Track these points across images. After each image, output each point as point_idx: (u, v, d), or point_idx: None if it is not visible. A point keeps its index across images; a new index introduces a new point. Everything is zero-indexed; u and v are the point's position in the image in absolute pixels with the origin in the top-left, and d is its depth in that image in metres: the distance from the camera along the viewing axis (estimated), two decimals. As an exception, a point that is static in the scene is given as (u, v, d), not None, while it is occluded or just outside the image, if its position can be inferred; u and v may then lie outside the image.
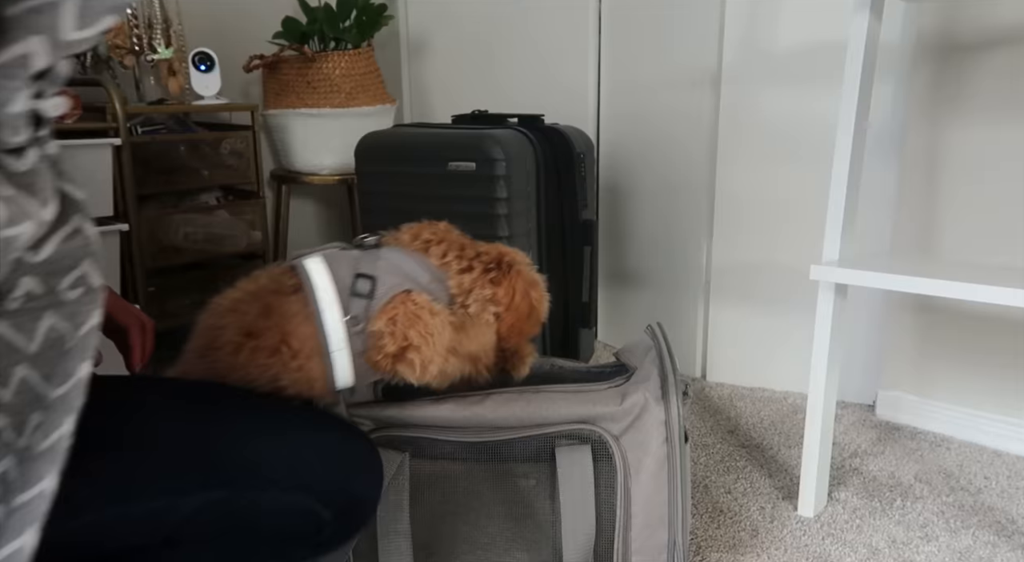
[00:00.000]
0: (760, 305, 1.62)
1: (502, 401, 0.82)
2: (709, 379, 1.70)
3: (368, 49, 1.94)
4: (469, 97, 2.12)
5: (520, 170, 1.33)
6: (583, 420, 0.81)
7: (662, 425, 0.81)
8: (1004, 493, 1.19)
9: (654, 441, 0.80)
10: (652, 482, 0.81)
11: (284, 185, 2.10)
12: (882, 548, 1.04)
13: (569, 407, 0.81)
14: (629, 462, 0.81)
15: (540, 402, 0.82)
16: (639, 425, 0.81)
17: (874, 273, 1.00)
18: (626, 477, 0.81)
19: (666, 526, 0.82)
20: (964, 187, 1.32)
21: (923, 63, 1.34)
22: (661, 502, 0.82)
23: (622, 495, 0.81)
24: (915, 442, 1.38)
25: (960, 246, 1.34)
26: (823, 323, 1.09)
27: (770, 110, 1.52)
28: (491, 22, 2.00)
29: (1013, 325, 1.31)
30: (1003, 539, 1.07)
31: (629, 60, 1.75)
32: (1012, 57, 1.24)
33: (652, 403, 0.80)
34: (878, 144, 1.43)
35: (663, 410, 0.81)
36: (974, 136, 1.30)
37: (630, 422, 0.81)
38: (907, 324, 1.43)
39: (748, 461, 1.30)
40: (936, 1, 1.30)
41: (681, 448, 0.81)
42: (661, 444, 0.81)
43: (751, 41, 1.52)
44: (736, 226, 1.61)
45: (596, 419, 0.81)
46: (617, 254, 1.86)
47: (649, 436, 0.80)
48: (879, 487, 1.21)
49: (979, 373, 1.36)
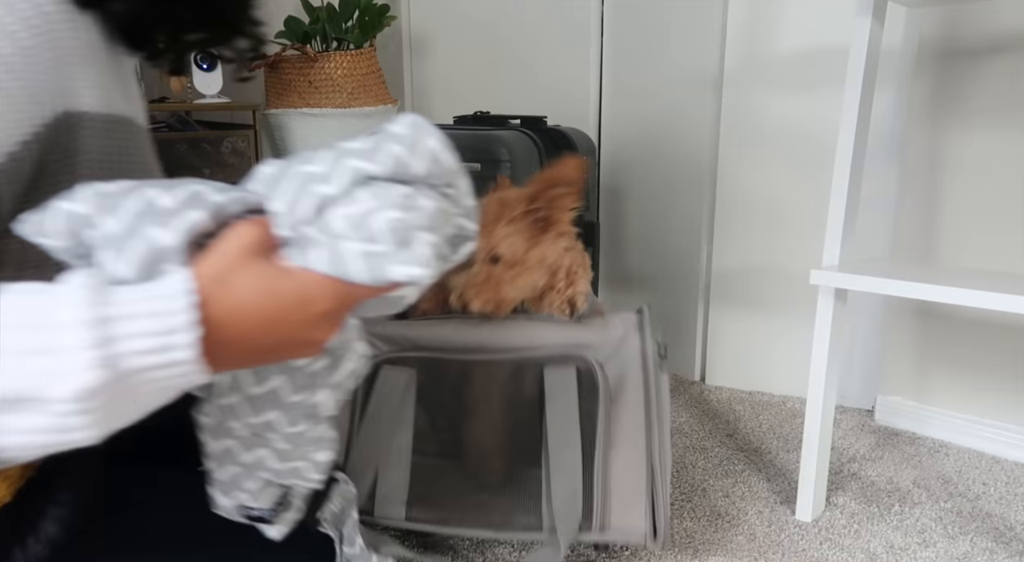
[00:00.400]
0: (760, 309, 1.62)
1: (498, 325, 0.91)
2: (708, 382, 1.70)
3: (370, 49, 1.94)
4: (471, 98, 2.12)
5: (524, 171, 1.33)
6: (571, 345, 0.89)
7: (639, 353, 0.89)
8: (1002, 499, 1.19)
9: (632, 366, 0.89)
10: (631, 406, 0.88)
11: (285, 184, 2.09)
12: (880, 554, 1.04)
13: (558, 333, 0.90)
14: (612, 386, 0.88)
15: (533, 328, 0.91)
16: (620, 352, 0.89)
17: (874, 278, 1.00)
18: (608, 400, 0.87)
19: (644, 448, 0.88)
20: (965, 192, 1.32)
21: (925, 68, 1.34)
22: (640, 425, 0.88)
23: (603, 417, 0.87)
24: (914, 447, 1.38)
25: (960, 252, 1.34)
26: (823, 328, 1.09)
27: (771, 114, 1.52)
28: (493, 23, 2.01)
29: (1013, 332, 1.31)
30: (1001, 545, 1.06)
31: (631, 63, 1.75)
32: (1013, 63, 1.24)
33: (631, 332, 0.89)
34: (879, 149, 1.43)
35: (639, 339, 0.89)
36: (975, 141, 1.30)
37: (612, 351, 0.89)
38: (907, 329, 1.43)
39: (746, 465, 1.30)
40: (938, 6, 1.30)
41: (657, 375, 0.89)
42: (639, 369, 0.88)
43: (753, 45, 1.52)
44: (736, 230, 1.61)
45: (582, 346, 0.89)
46: (617, 256, 1.86)
47: (628, 361, 0.89)
48: (877, 492, 1.21)
49: (978, 379, 1.36)
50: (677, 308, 1.73)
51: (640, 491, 0.87)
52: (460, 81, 2.14)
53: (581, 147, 1.48)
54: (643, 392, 0.88)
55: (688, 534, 1.08)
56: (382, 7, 1.93)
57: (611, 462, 0.87)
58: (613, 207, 1.84)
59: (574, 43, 1.84)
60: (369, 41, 1.94)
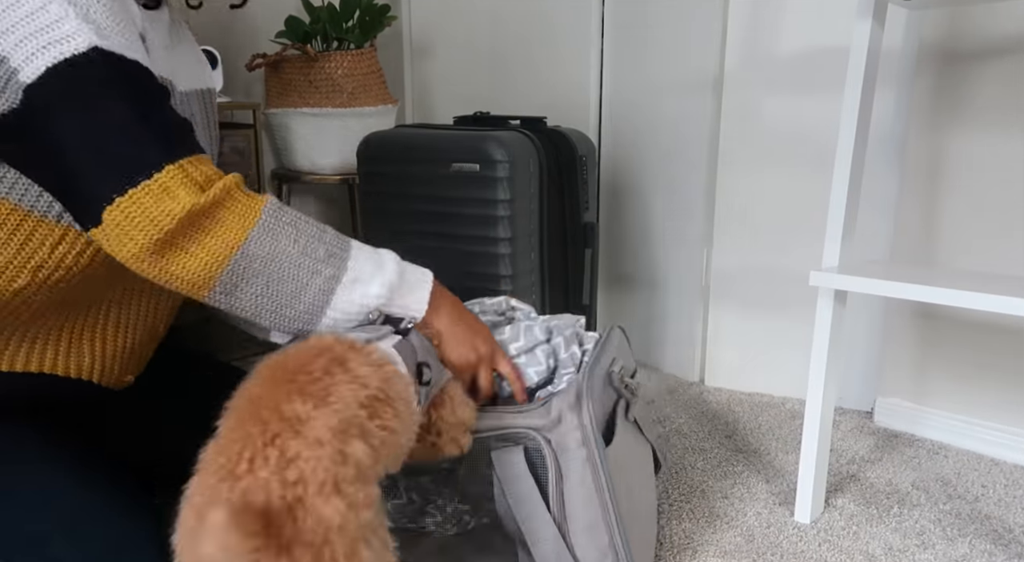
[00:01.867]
0: (759, 310, 1.62)
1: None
2: (707, 383, 1.70)
3: (371, 49, 1.94)
4: (471, 98, 2.12)
5: (523, 172, 1.33)
6: (514, 426, 0.86)
7: (577, 429, 0.85)
8: (1001, 501, 1.19)
9: (572, 445, 0.85)
10: (581, 485, 0.85)
11: (285, 184, 2.09)
12: (879, 555, 1.04)
13: (502, 419, 0.86)
14: (560, 464, 0.85)
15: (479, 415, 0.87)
16: (559, 430, 0.85)
17: (874, 280, 1.00)
18: (557, 479, 0.85)
19: (604, 529, 0.85)
20: (965, 194, 1.32)
21: (925, 70, 1.34)
22: (595, 504, 0.85)
23: (554, 495, 0.84)
24: (913, 449, 1.38)
25: (960, 254, 1.34)
26: (822, 329, 1.09)
27: (772, 115, 1.52)
28: (494, 23, 2.01)
29: (1013, 334, 1.31)
30: (1000, 548, 1.06)
31: (631, 63, 1.75)
32: (1014, 65, 1.24)
33: (566, 412, 0.85)
34: (879, 150, 1.43)
35: (576, 417, 0.85)
36: (975, 143, 1.30)
37: (552, 428, 0.86)
38: (906, 331, 1.43)
39: (745, 466, 1.30)
40: (939, 8, 1.30)
41: (602, 451, 0.85)
42: (579, 446, 0.85)
43: (753, 45, 1.52)
44: (736, 231, 1.61)
45: (527, 428, 0.86)
46: (617, 257, 1.86)
47: (569, 440, 0.85)
48: (876, 494, 1.21)
49: (978, 381, 1.36)
50: (676, 309, 1.73)
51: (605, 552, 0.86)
52: (460, 81, 2.14)
53: (581, 147, 1.48)
54: (589, 469, 0.85)
55: (687, 535, 1.08)
56: (383, 7, 1.93)
57: (572, 545, 0.85)
58: (613, 207, 1.84)
59: (574, 43, 1.84)
60: (370, 41, 1.94)
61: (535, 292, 1.39)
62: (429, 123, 1.73)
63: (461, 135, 1.35)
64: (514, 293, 1.34)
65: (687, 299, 1.71)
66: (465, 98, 2.14)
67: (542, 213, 1.39)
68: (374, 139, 1.48)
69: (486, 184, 1.30)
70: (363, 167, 1.49)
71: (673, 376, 1.75)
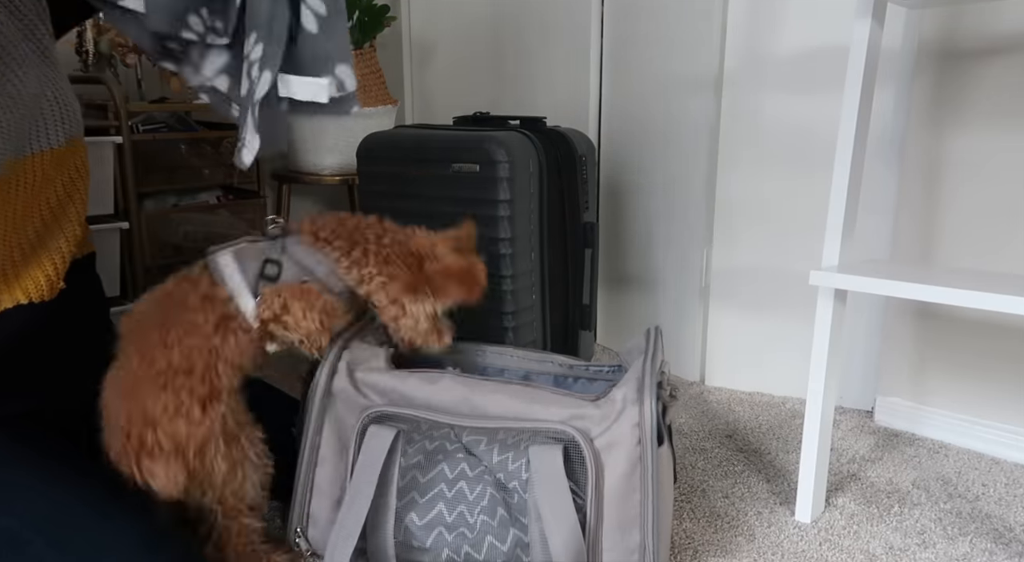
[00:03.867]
0: (759, 310, 1.62)
1: (491, 389, 0.88)
2: (707, 383, 1.70)
3: (371, 50, 1.94)
4: (471, 99, 2.12)
5: (523, 172, 1.33)
6: (563, 420, 0.85)
7: (635, 427, 0.83)
8: (1002, 500, 1.19)
9: (627, 442, 0.83)
10: (624, 483, 0.83)
11: (285, 185, 2.10)
12: (879, 555, 1.04)
13: (554, 407, 0.86)
14: (602, 462, 0.83)
15: (529, 397, 0.87)
16: (614, 427, 0.83)
17: (874, 279, 1.00)
18: (597, 477, 0.83)
19: (638, 528, 0.84)
20: (965, 193, 1.32)
21: (924, 69, 1.34)
22: (634, 503, 0.84)
23: (592, 494, 0.83)
24: (913, 448, 1.38)
25: (960, 253, 1.34)
26: (822, 329, 1.09)
27: (771, 115, 1.52)
28: (494, 24, 2.01)
29: (1013, 333, 1.31)
30: (1000, 546, 1.06)
31: (631, 63, 1.75)
32: (1014, 64, 1.24)
33: (628, 406, 0.84)
34: (879, 149, 1.43)
35: (637, 412, 0.83)
36: (975, 142, 1.30)
37: (607, 425, 0.84)
38: (906, 330, 1.44)
39: (746, 466, 1.30)
40: (938, 8, 1.30)
41: (654, 451, 0.83)
42: (634, 446, 0.83)
43: (753, 45, 1.52)
44: (736, 230, 1.61)
45: (574, 420, 0.85)
46: (617, 257, 1.86)
47: (622, 437, 0.83)
48: (877, 493, 1.21)
49: (978, 380, 1.36)
50: (676, 308, 1.73)
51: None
52: (460, 82, 2.14)
53: (580, 147, 1.48)
54: (639, 468, 0.83)
55: (687, 535, 1.09)
56: (382, 7, 1.93)
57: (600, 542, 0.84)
58: (613, 207, 1.85)
59: (574, 43, 1.85)
60: (369, 41, 1.94)
61: (535, 292, 1.39)
62: (429, 123, 1.73)
63: (461, 135, 1.35)
64: (514, 293, 1.34)
65: (687, 299, 1.71)
66: (465, 98, 2.14)
67: (542, 213, 1.39)
68: (374, 139, 1.48)
69: (486, 184, 1.30)
70: (363, 167, 1.49)
71: (673, 376, 1.75)
